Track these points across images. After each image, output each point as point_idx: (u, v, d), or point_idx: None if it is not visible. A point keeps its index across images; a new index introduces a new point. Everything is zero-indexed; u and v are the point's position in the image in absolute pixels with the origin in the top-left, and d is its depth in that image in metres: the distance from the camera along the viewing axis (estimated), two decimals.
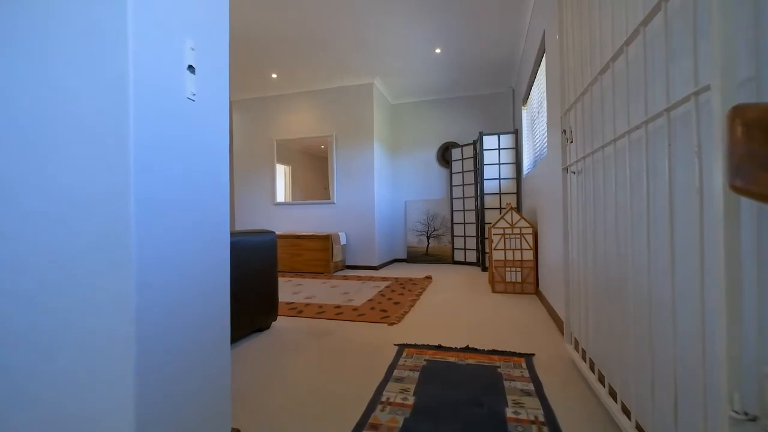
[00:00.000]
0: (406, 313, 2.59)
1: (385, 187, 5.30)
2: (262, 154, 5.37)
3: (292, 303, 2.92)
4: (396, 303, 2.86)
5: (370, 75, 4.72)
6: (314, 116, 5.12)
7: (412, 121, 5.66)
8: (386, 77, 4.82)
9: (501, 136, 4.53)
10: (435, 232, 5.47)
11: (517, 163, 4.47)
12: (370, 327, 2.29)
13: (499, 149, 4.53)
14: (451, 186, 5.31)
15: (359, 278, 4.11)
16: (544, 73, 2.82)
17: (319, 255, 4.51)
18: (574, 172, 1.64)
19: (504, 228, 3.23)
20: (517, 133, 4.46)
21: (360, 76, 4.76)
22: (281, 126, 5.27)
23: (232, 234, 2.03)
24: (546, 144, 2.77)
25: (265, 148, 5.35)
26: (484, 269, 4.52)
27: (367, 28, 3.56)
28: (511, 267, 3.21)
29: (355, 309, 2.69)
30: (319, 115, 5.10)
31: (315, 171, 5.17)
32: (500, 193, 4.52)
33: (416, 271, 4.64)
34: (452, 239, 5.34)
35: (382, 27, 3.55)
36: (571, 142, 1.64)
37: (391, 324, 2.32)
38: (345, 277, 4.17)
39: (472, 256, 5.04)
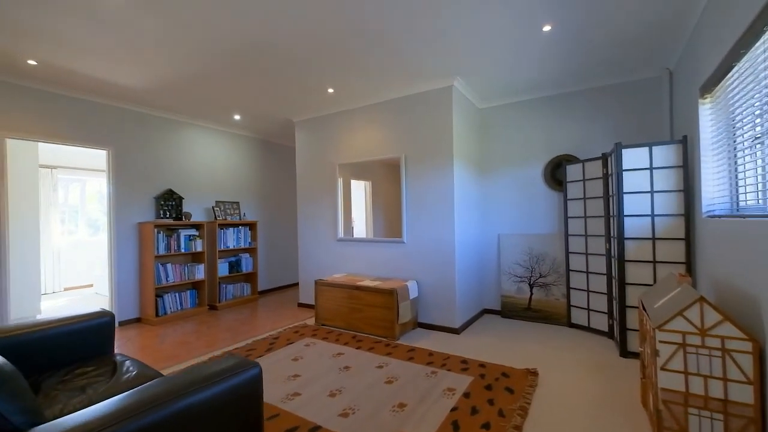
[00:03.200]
0: None
1: (470, 219, 4.05)
2: (324, 181, 4.64)
3: (315, 429, 1.98)
4: None
5: (447, 76, 3.55)
6: (380, 134, 4.15)
7: (508, 130, 4.26)
8: (470, 76, 3.58)
9: (654, 147, 2.89)
10: (541, 279, 3.98)
11: (687, 189, 2.77)
12: None
13: (651, 169, 2.89)
14: (566, 218, 3.77)
15: (430, 357, 2.98)
16: None
17: (382, 314, 3.52)
18: None
19: (684, 333, 1.75)
20: (686, 143, 2.77)
21: (434, 79, 3.63)
22: (343, 148, 4.46)
23: (183, 393, 1.16)
24: None
25: (327, 175, 4.60)
26: (625, 354, 2.93)
27: (440, 13, 2.43)
28: (700, 408, 1.72)
29: None
30: (385, 133, 4.11)
31: (398, 184, 4.11)
32: (653, 238, 2.87)
33: (513, 340, 3.28)
34: (568, 292, 3.79)
35: (461, 7, 2.38)
36: None
37: None
38: (411, 353, 3.10)
39: (599, 321, 3.45)
